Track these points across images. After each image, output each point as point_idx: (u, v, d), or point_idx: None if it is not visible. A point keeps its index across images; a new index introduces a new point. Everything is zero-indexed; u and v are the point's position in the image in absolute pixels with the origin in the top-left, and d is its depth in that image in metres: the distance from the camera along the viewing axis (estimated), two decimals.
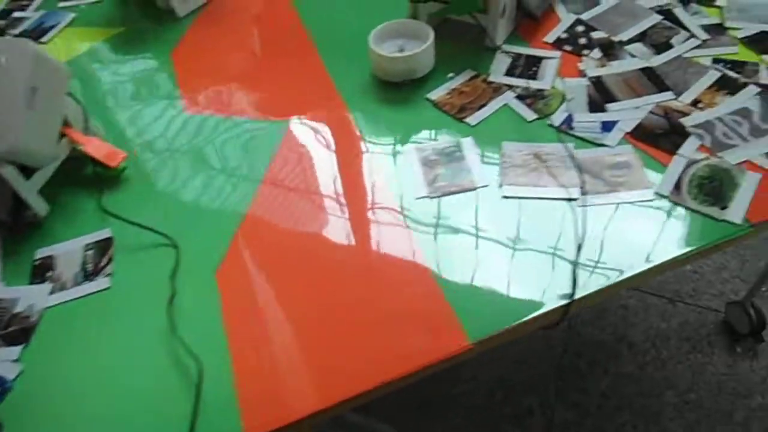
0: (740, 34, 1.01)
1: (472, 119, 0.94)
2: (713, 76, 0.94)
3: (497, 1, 0.96)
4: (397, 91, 1.00)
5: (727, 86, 0.92)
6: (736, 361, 1.59)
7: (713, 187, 0.79)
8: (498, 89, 0.98)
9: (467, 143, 0.90)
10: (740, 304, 1.58)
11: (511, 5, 1.03)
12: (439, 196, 0.84)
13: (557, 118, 0.91)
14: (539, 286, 0.72)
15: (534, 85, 0.97)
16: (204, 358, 0.69)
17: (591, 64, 0.99)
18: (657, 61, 0.98)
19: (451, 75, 0.99)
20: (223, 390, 0.67)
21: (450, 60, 1.04)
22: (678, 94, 0.92)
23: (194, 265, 0.79)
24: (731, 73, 0.94)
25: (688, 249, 0.74)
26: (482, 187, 0.84)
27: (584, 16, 1.08)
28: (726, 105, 0.89)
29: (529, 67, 1.01)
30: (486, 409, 1.55)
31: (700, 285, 1.78)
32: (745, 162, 0.82)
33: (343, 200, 0.85)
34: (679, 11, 1.06)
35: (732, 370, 1.57)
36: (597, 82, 0.96)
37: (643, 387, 1.57)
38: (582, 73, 0.98)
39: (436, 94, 0.98)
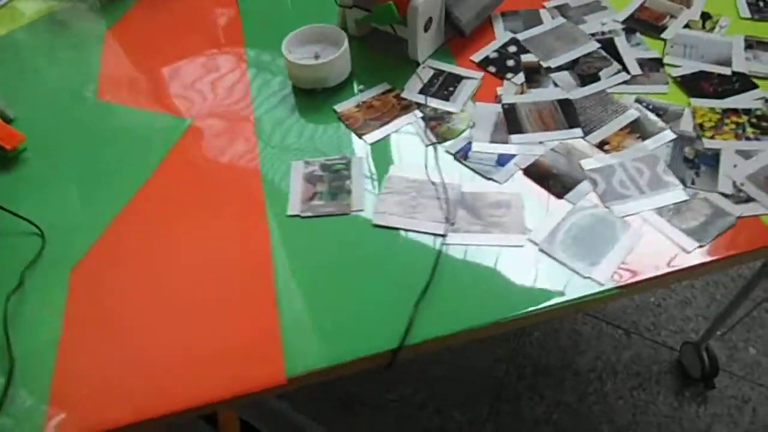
0: (676, 72, 0.93)
1: (370, 137, 0.90)
2: (630, 116, 0.87)
3: (415, 16, 0.92)
4: (310, 99, 0.96)
5: (641, 129, 0.86)
6: (681, 405, 1.52)
7: (590, 241, 0.74)
8: (407, 107, 0.93)
9: (357, 162, 0.86)
10: (695, 346, 1.51)
11: (439, 20, 0.98)
12: (311, 217, 0.81)
13: (455, 145, 0.87)
14: (377, 325, 0.69)
15: (444, 106, 0.92)
16: (26, 356, 0.69)
17: (510, 89, 0.94)
18: (578, 93, 0.91)
19: (361, 87, 0.95)
20: (36, 390, 0.67)
21: (370, 71, 0.99)
22: (587, 132, 0.86)
23: (54, 260, 0.78)
24: (651, 115, 0.87)
25: (542, 306, 0.69)
26: (357, 211, 0.80)
27: (521, 36, 1.02)
28: (633, 150, 0.83)
29: (446, 86, 0.96)
30: (414, 420, 1.53)
31: (660, 319, 1.71)
32: (632, 216, 0.76)
33: (215, 210, 0.83)
34: (620, 41, 0.99)
35: (676, 414, 1.51)
36: (509, 110, 0.90)
37: (579, 419, 1.52)
38: (498, 99, 0.93)
39: (344, 106, 0.95)
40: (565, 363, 1.62)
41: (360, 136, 0.90)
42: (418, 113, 0.92)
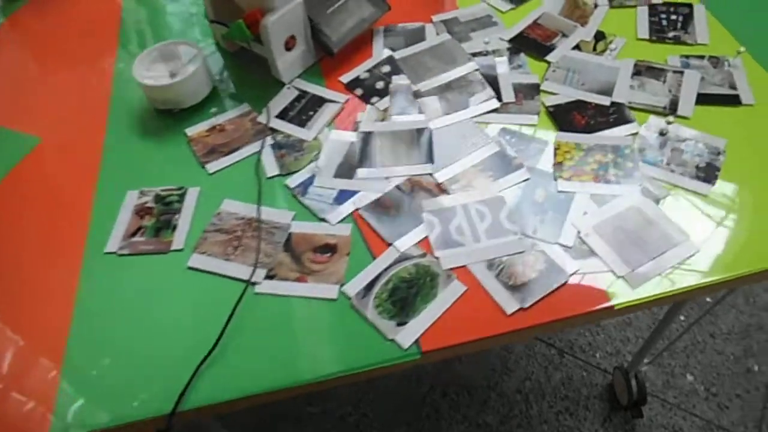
0: (551, 101, 0.85)
1: (212, 165, 0.83)
2: (488, 151, 0.79)
3: (268, 35, 0.84)
4: (166, 120, 0.90)
5: (495, 167, 0.78)
6: None
7: (405, 296, 0.67)
8: (261, 132, 0.86)
9: (192, 194, 0.80)
10: (625, 372, 1.43)
11: (305, 37, 0.91)
12: (128, 254, 0.75)
13: (297, 179, 0.80)
14: (161, 385, 0.63)
15: (297, 133, 0.85)
16: None
17: (372, 115, 0.86)
18: (441, 121, 0.84)
19: (214, 110, 0.89)
20: None
21: (234, 90, 0.92)
22: (439, 167, 0.79)
23: None
24: (510, 151, 0.79)
25: (330, 373, 0.62)
26: (176, 251, 0.74)
27: (397, 54, 0.94)
28: (481, 190, 0.75)
29: (307, 109, 0.88)
30: None
31: (598, 339, 1.63)
32: (461, 268, 0.69)
33: (30, 243, 0.76)
34: (500, 62, 0.90)
35: None
36: (364, 140, 0.83)
37: None
38: (356, 126, 0.85)
39: (196, 129, 0.88)
40: (492, 382, 1.55)
41: (203, 164, 0.83)
42: (270, 140, 0.85)
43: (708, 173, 0.74)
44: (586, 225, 0.70)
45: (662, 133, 0.78)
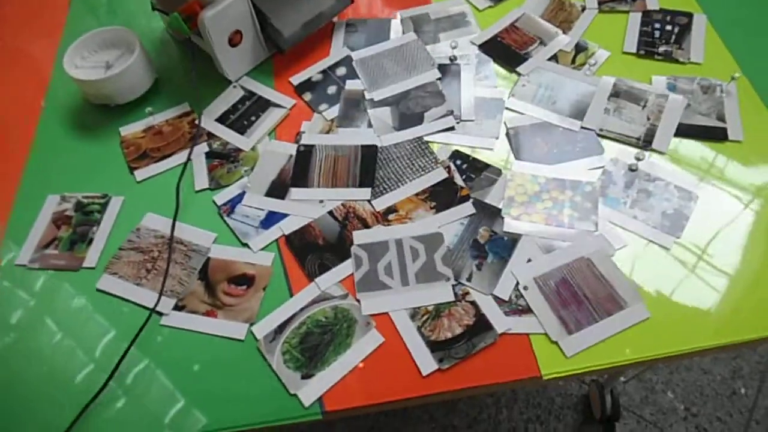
0: (514, 122, 0.74)
1: (141, 172, 0.76)
2: (437, 176, 0.71)
3: (206, 30, 0.76)
4: (101, 116, 0.82)
5: (438, 197, 0.70)
6: None
7: (317, 344, 0.61)
8: (199, 137, 0.79)
9: (115, 205, 0.73)
10: (600, 385, 1.37)
11: (254, 32, 0.82)
12: (38, 268, 0.70)
13: (225, 195, 0.73)
14: (39, 425, 0.59)
15: (235, 141, 0.78)
16: None
17: (317, 125, 0.78)
18: (390, 138, 0.75)
19: (149, 110, 0.81)
20: None
21: (178, 86, 0.83)
22: (378, 194, 0.71)
23: None
24: (459, 179, 0.70)
25: (229, 426, 0.56)
26: (88, 268, 0.69)
27: (356, 55, 0.85)
28: (420, 224, 0.68)
29: (251, 113, 0.80)
30: None
31: None
32: (383, 314, 0.62)
33: None
34: (466, 72, 0.80)
35: None
36: (303, 154, 0.75)
37: None
38: (298, 137, 0.78)
39: (131, 129, 0.80)
40: None
41: (132, 170, 0.77)
42: (205, 147, 0.78)
43: (675, 222, 0.65)
44: (528, 275, 0.62)
45: (631, 169, 0.69)
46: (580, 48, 0.81)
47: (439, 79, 0.79)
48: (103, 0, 0.98)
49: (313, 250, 0.66)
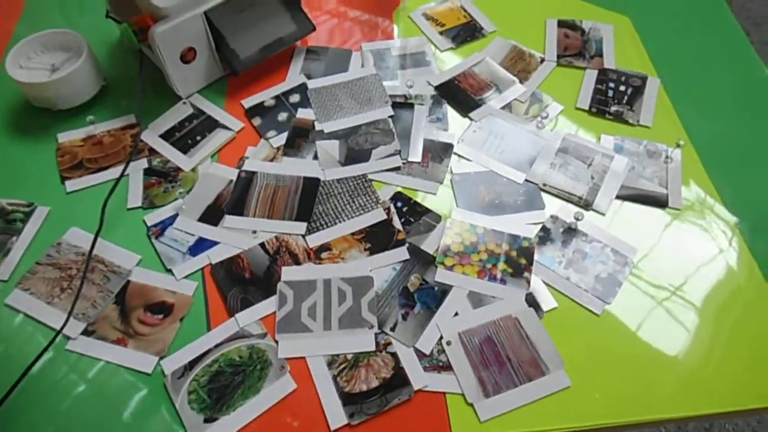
0: (460, 168, 0.71)
1: (72, 183, 0.70)
2: (375, 217, 0.67)
3: (155, 46, 0.71)
4: (43, 118, 0.76)
5: (375, 238, 0.65)
6: None
7: (226, 384, 0.56)
8: (140, 152, 0.74)
9: (40, 215, 0.67)
10: None
11: (209, 50, 0.77)
12: None
13: (157, 216, 0.67)
14: None
15: (176, 159, 0.72)
16: None
17: (262, 152, 0.74)
18: (334, 173, 0.71)
19: (91, 118, 0.75)
20: None
21: (125, 96, 0.78)
22: (313, 229, 0.66)
23: None
24: (395, 220, 0.67)
25: None
26: (1, 281, 0.63)
27: (312, 83, 0.80)
28: (352, 265, 0.63)
29: (197, 133, 0.75)
30: None
31: None
32: (300, 359, 0.57)
33: None
34: (418, 112, 0.77)
35: None
36: (243, 181, 0.70)
37: None
38: (241, 162, 0.73)
39: (70, 136, 0.74)
40: None
41: (63, 179, 0.71)
42: (145, 163, 0.73)
43: (607, 288, 0.61)
44: (452, 330, 0.58)
45: (570, 228, 0.66)
46: (534, 99, 0.78)
47: (392, 116, 0.75)
48: (59, 1, 0.93)
49: (239, 282, 0.61)
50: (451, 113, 0.77)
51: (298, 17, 0.80)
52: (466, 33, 0.86)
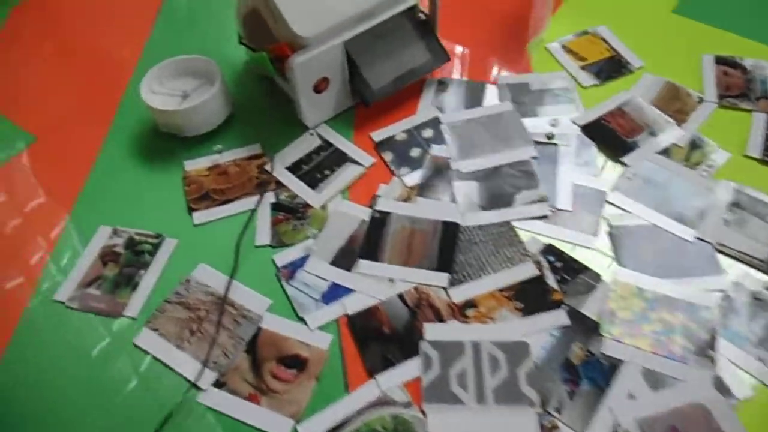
0: (618, 220, 0.63)
1: (200, 215, 0.67)
2: (525, 271, 0.59)
3: (293, 76, 0.67)
4: (170, 143, 0.73)
5: (527, 297, 0.57)
6: None
7: None
8: (266, 184, 0.69)
9: (168, 247, 0.63)
10: None
11: (342, 80, 0.72)
12: (77, 309, 0.60)
13: (286, 256, 0.62)
14: None
15: (305, 194, 0.67)
16: None
17: (395, 190, 0.67)
18: (475, 218, 0.64)
19: (219, 147, 0.72)
20: None
21: (252, 124, 0.74)
22: (456, 281, 0.59)
23: None
24: (552, 279, 0.58)
25: None
26: (128, 318, 0.59)
27: (446, 118, 0.74)
28: (504, 327, 0.56)
29: (325, 166, 0.70)
30: None
31: None
32: None
33: None
34: (564, 153, 0.68)
35: None
36: (377, 222, 0.64)
37: None
38: (373, 201, 0.67)
39: (196, 165, 0.71)
40: None
41: (191, 210, 0.67)
42: (272, 197, 0.68)
43: None
44: (629, 416, 0.49)
45: (756, 299, 0.56)
46: (695, 144, 0.68)
47: (534, 158, 0.68)
48: (186, 22, 0.91)
49: (377, 338, 0.55)
50: (601, 157, 0.68)
51: (433, 47, 0.74)
52: (610, 68, 0.77)
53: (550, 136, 0.70)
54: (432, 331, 0.55)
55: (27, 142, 0.75)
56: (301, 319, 0.57)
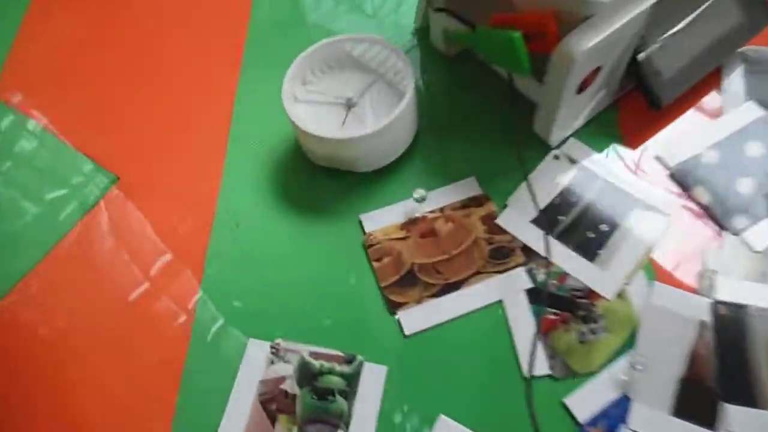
0: None
1: (409, 318, 0.40)
2: None
3: (568, 71, 0.37)
4: (325, 180, 0.46)
5: None
6: None
7: None
8: (509, 252, 0.42)
9: (371, 378, 0.37)
10: None
11: (611, 71, 0.43)
12: None
13: (583, 399, 0.35)
14: None
15: (581, 273, 0.40)
16: None
17: (734, 258, 0.39)
18: None
19: (421, 193, 0.43)
20: None
21: (450, 145, 0.46)
22: None
23: None
24: None
25: None
26: None
27: None
28: None
29: (593, 218, 0.43)
30: None
31: None
32: None
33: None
34: None
35: None
36: (726, 322, 0.36)
37: None
38: (704, 289, 0.39)
39: (381, 223, 0.43)
40: None
41: (393, 311, 0.41)
42: (524, 274, 0.41)
43: None
44: None
45: None
46: None
47: None
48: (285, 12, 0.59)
49: None
50: None
51: (751, 1, 0.43)
52: None
53: None
54: None
55: (107, 184, 0.48)
56: None
